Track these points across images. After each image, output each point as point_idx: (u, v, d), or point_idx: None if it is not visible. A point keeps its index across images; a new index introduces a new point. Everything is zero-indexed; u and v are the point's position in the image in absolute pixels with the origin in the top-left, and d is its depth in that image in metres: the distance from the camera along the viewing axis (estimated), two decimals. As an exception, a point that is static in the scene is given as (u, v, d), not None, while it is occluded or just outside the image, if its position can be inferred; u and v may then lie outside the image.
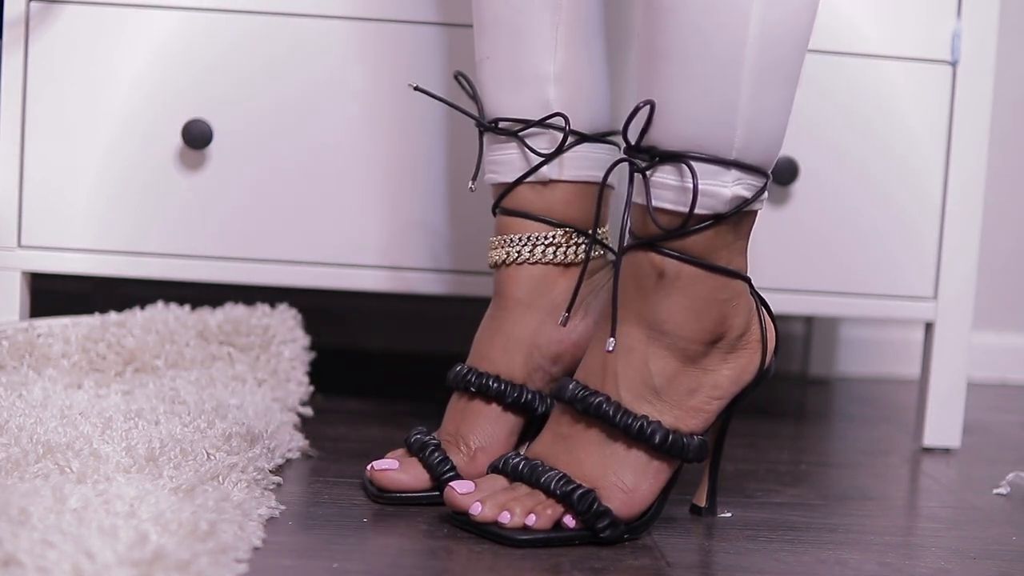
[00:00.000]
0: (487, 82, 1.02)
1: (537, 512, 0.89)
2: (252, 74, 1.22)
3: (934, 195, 1.27)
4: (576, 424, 0.92)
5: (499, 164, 1.02)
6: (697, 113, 0.88)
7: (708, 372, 0.93)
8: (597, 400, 0.91)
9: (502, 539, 0.89)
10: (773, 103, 0.90)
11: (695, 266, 0.90)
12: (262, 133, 1.22)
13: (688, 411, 0.92)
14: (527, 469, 0.91)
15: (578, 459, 0.91)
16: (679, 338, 0.91)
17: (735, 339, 0.93)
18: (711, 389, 0.93)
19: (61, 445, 0.92)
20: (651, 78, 0.89)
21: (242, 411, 1.08)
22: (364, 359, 1.63)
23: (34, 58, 1.21)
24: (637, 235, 0.91)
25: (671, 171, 0.88)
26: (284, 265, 1.23)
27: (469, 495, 0.91)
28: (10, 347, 1.16)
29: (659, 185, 0.89)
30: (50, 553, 0.71)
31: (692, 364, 0.92)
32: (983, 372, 1.76)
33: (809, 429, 1.42)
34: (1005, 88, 1.66)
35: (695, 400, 0.92)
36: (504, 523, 0.88)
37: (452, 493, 0.91)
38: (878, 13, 1.25)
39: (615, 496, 0.90)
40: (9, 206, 1.22)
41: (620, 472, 0.91)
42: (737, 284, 0.93)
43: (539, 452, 0.93)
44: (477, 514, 0.89)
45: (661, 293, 0.90)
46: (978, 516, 1.06)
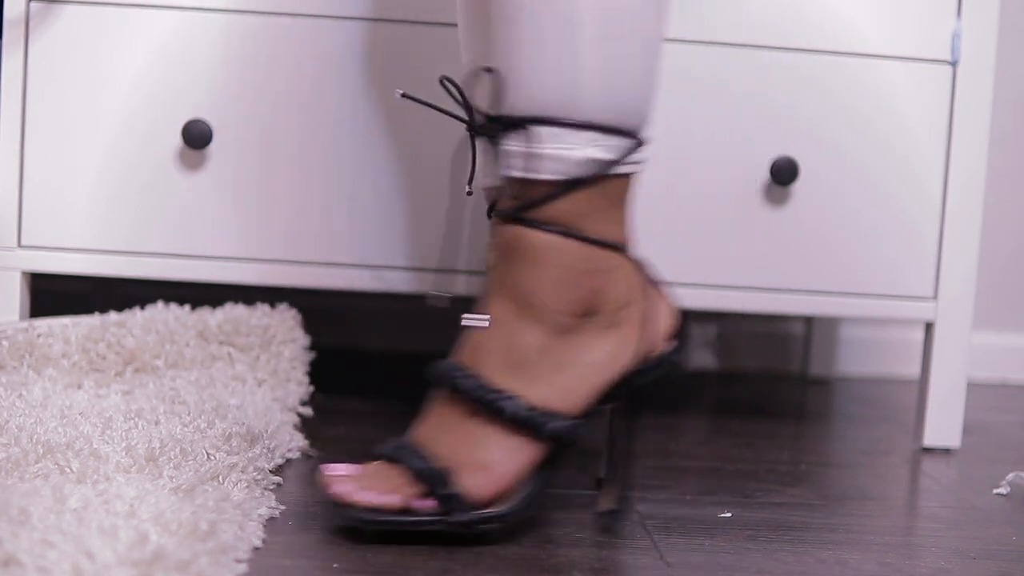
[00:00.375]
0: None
1: (395, 492, 0.86)
2: (252, 74, 1.22)
3: (934, 195, 1.27)
4: (445, 404, 0.89)
5: (492, 167, 1.01)
6: (538, 75, 0.85)
7: (582, 348, 0.89)
8: (457, 374, 0.88)
9: (348, 520, 0.87)
10: (622, 58, 0.86)
11: (556, 235, 0.87)
12: (262, 133, 1.22)
13: (555, 388, 0.88)
14: (395, 450, 0.89)
15: (438, 437, 0.88)
16: (547, 310, 0.88)
17: (613, 312, 0.90)
18: (583, 366, 0.89)
19: (61, 445, 0.92)
20: (489, 45, 0.86)
21: (242, 411, 1.08)
22: (364, 359, 1.63)
23: (34, 58, 1.21)
24: (501, 208, 0.89)
25: (518, 138, 0.86)
26: (284, 265, 1.23)
27: (337, 476, 0.88)
28: (10, 347, 1.16)
29: (509, 154, 0.87)
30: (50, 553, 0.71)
31: (563, 338, 0.89)
32: (983, 372, 1.76)
33: (809, 429, 1.42)
34: (1005, 88, 1.66)
35: (565, 377, 0.89)
36: (359, 501, 0.86)
37: (324, 473, 0.89)
38: (878, 13, 1.25)
39: (468, 475, 0.87)
40: (9, 206, 1.22)
41: (476, 449, 0.87)
42: (610, 255, 0.89)
43: (414, 435, 0.90)
44: (338, 492, 0.87)
45: (524, 264, 0.88)
46: (978, 516, 1.06)
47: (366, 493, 0.86)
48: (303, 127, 1.22)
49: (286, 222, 1.23)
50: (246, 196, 1.23)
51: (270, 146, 1.23)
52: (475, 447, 0.87)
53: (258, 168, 1.23)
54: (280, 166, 1.23)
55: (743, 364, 1.74)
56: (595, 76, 0.85)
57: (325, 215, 1.23)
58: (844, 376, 1.75)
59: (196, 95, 1.22)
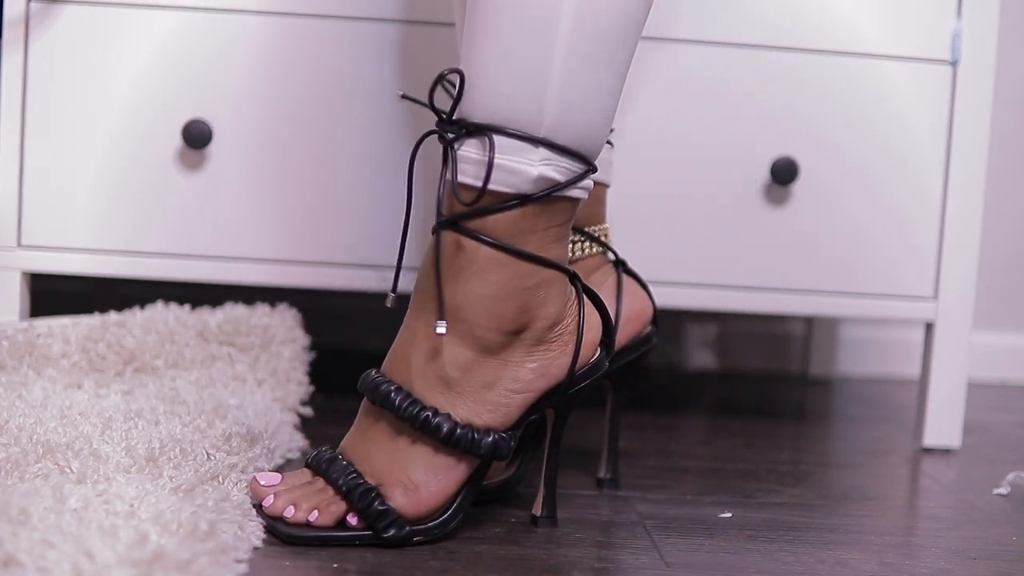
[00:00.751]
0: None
1: (321, 508, 0.86)
2: (252, 74, 1.22)
3: (934, 195, 1.27)
4: (369, 416, 0.89)
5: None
6: (504, 85, 0.83)
7: (509, 364, 0.88)
8: (386, 389, 0.87)
9: (285, 536, 0.86)
10: (591, 83, 0.84)
11: (495, 248, 0.85)
12: (262, 133, 1.22)
13: (484, 404, 0.87)
14: (323, 463, 0.88)
15: (368, 453, 0.87)
16: (475, 326, 0.86)
17: (543, 331, 0.88)
18: (511, 382, 0.87)
19: (61, 445, 0.92)
20: (465, 47, 0.85)
21: (242, 411, 1.08)
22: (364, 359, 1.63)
23: (34, 58, 1.21)
24: (444, 213, 0.86)
25: (476, 145, 0.84)
26: (284, 265, 1.23)
27: (268, 487, 0.88)
28: (10, 347, 1.16)
29: (464, 159, 0.84)
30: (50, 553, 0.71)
31: (490, 355, 0.87)
32: (983, 372, 1.76)
33: (809, 429, 1.42)
34: (1005, 88, 1.66)
35: (493, 393, 0.87)
36: (287, 517, 0.86)
37: (254, 483, 0.89)
38: (878, 13, 1.25)
39: (399, 494, 0.86)
40: (9, 206, 1.22)
41: (406, 467, 0.86)
42: (547, 272, 0.87)
43: (344, 445, 0.90)
44: (267, 506, 0.87)
45: (460, 276, 0.86)
46: (978, 516, 1.06)
47: (296, 510, 0.86)
48: (303, 127, 1.22)
49: (286, 222, 1.23)
50: (246, 196, 1.23)
51: (270, 146, 1.23)
52: (406, 465, 0.87)
53: (258, 168, 1.23)
54: (280, 166, 1.23)
55: (743, 364, 1.74)
56: (561, 95, 0.83)
57: (325, 215, 1.23)
58: (844, 376, 1.75)
59: (196, 95, 1.22)
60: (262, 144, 1.23)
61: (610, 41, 0.84)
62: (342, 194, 1.23)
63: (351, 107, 1.22)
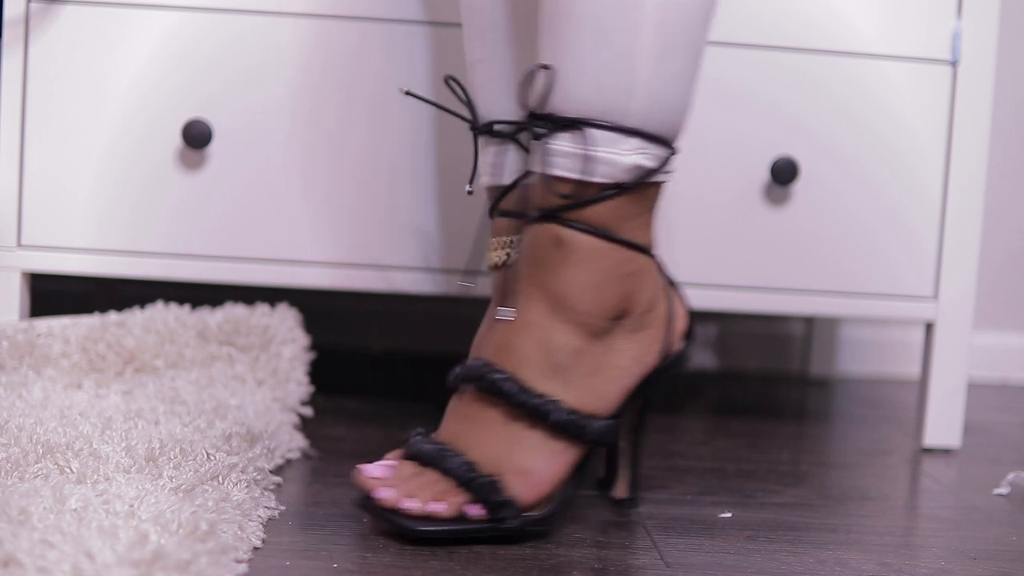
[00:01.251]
0: (482, 85, 1.02)
1: (445, 500, 0.86)
2: (251, 74, 1.22)
3: (934, 195, 1.27)
4: (477, 404, 0.89)
5: (496, 166, 1.02)
6: (596, 78, 0.86)
7: (612, 351, 0.90)
8: (498, 377, 0.88)
9: (404, 529, 0.86)
10: (675, 71, 0.87)
11: (597, 237, 0.88)
12: (262, 133, 1.22)
13: (591, 391, 0.90)
14: (434, 453, 0.88)
15: (480, 441, 0.88)
16: (582, 313, 0.89)
17: (640, 316, 0.91)
18: (614, 369, 0.90)
19: (61, 445, 0.92)
20: (550, 42, 0.87)
21: (242, 411, 1.08)
22: (364, 359, 1.63)
23: (34, 58, 1.21)
24: (540, 206, 0.89)
25: (569, 138, 0.87)
26: (284, 265, 1.23)
27: (378, 478, 0.87)
28: (10, 347, 1.16)
29: (558, 153, 0.87)
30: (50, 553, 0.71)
31: (597, 341, 0.90)
32: (983, 372, 1.76)
33: (809, 429, 1.42)
34: (1005, 88, 1.66)
35: (598, 380, 0.90)
36: (407, 509, 0.85)
37: (361, 474, 0.88)
38: (878, 13, 1.25)
39: (516, 482, 0.87)
40: (9, 206, 1.22)
41: (521, 455, 0.88)
42: (641, 259, 0.91)
43: (445, 435, 0.90)
44: (383, 498, 0.86)
45: (563, 266, 0.89)
46: (978, 516, 1.06)
47: (412, 501, 0.86)
48: (303, 127, 1.22)
49: (286, 222, 1.23)
50: (246, 195, 1.23)
51: (270, 146, 1.23)
52: (519, 452, 0.88)
53: (258, 168, 1.23)
54: (280, 166, 1.23)
55: (743, 364, 1.74)
56: (648, 85, 0.86)
57: (325, 215, 1.23)
58: (844, 376, 1.75)
59: (196, 95, 1.22)
60: (262, 144, 1.23)
61: (689, 29, 0.87)
62: (342, 194, 1.23)
63: (351, 107, 1.22)
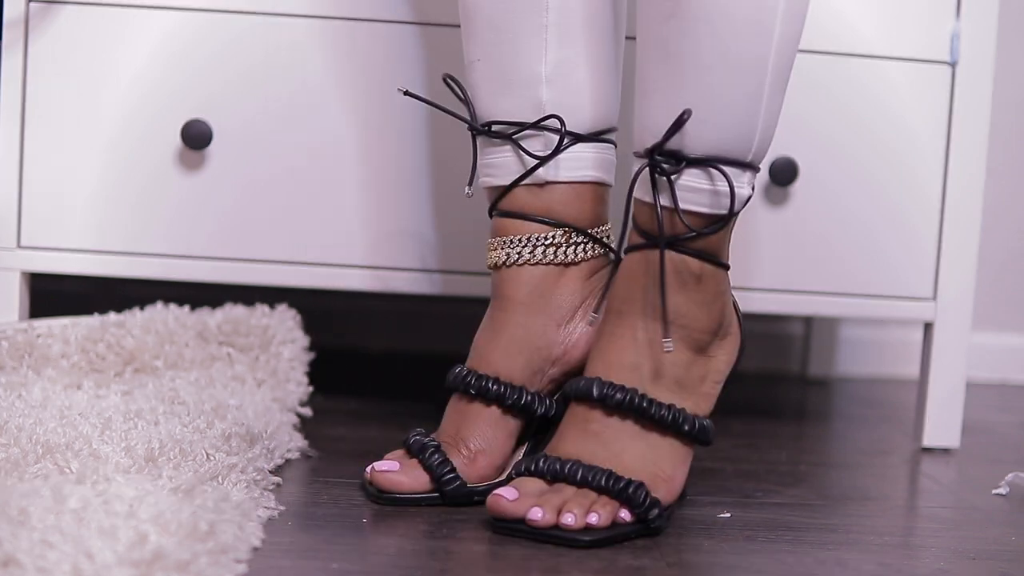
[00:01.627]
0: (479, 85, 1.02)
1: (596, 511, 0.90)
2: (251, 74, 1.22)
3: (934, 195, 1.27)
4: (607, 419, 0.94)
5: (494, 167, 1.02)
6: (727, 121, 0.91)
7: (711, 359, 0.97)
8: (629, 395, 0.93)
9: (565, 542, 0.89)
10: (778, 108, 0.94)
11: (713, 264, 0.95)
12: (261, 133, 1.22)
13: (702, 397, 0.97)
14: (571, 469, 0.91)
15: (617, 454, 0.93)
16: (694, 331, 0.95)
17: (726, 327, 0.98)
18: (715, 374, 0.97)
19: (60, 445, 0.92)
20: (678, 86, 0.91)
21: (242, 411, 1.08)
22: (364, 359, 1.63)
23: (34, 58, 1.21)
24: (649, 234, 0.94)
25: (700, 175, 0.92)
26: (284, 265, 1.23)
27: (520, 501, 0.90)
28: (10, 347, 1.16)
29: (688, 188, 0.92)
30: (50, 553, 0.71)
31: (701, 353, 0.96)
32: (983, 372, 1.76)
33: (809, 429, 1.42)
34: (1004, 89, 1.66)
35: (705, 386, 0.97)
36: (568, 524, 0.89)
37: (501, 501, 0.90)
38: (878, 13, 1.25)
39: (660, 486, 0.93)
40: (9, 206, 1.22)
41: (659, 462, 0.94)
42: (727, 276, 0.97)
43: (571, 451, 0.93)
44: (538, 519, 0.89)
45: (682, 290, 0.94)
46: (978, 516, 1.06)
47: (570, 516, 0.89)
48: (303, 127, 1.22)
49: (286, 222, 1.23)
50: (246, 196, 1.23)
51: (270, 146, 1.23)
52: (659, 460, 0.94)
53: (258, 168, 1.23)
54: (280, 166, 1.23)
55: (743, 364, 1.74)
56: (762, 122, 0.92)
57: (325, 215, 1.23)
58: (844, 376, 1.75)
59: (195, 95, 1.22)
60: (261, 144, 1.22)
61: (790, 70, 0.94)
62: (342, 194, 1.23)
63: (351, 107, 1.22)
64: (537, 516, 0.89)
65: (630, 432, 0.94)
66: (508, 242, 1.01)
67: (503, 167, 1.01)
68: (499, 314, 1.01)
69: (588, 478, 0.91)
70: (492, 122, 1.01)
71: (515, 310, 1.01)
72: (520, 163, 1.00)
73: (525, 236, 1.00)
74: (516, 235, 1.01)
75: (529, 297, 1.00)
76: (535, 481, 0.92)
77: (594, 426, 0.94)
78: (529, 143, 1.00)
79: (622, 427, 0.94)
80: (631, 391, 0.93)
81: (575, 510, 0.89)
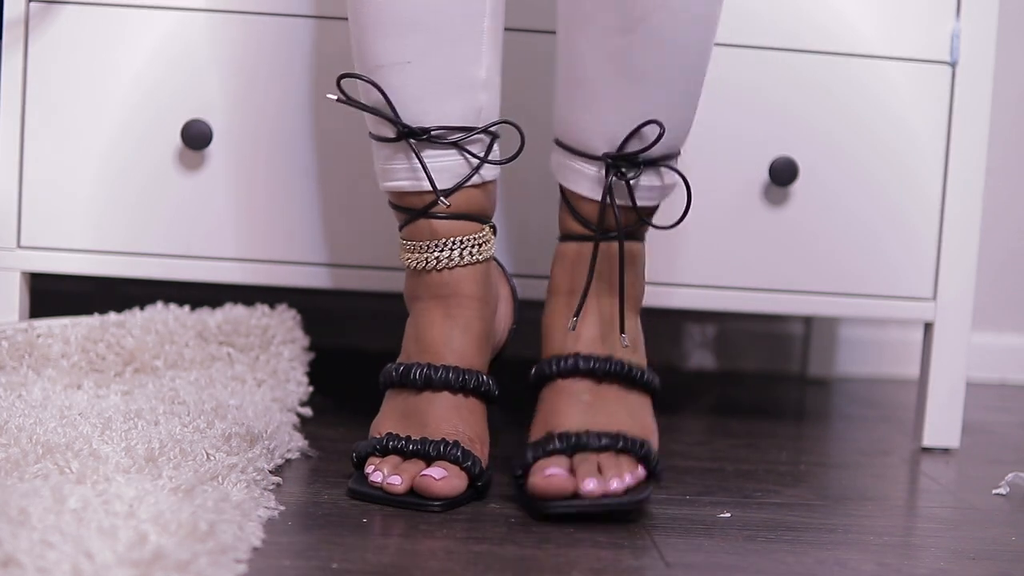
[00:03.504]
0: (408, 87, 1.00)
1: (628, 471, 0.96)
2: (252, 75, 1.22)
3: (934, 195, 1.27)
4: (597, 388, 1.00)
5: (437, 171, 1.01)
6: (680, 126, 1.01)
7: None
8: (613, 364, 1.00)
9: (619, 506, 0.94)
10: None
11: (641, 241, 1.05)
12: (262, 133, 1.22)
13: (642, 352, 1.05)
14: (590, 438, 0.96)
15: (612, 417, 0.99)
16: (634, 298, 1.04)
17: None
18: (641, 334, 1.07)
19: (60, 445, 0.92)
20: (638, 98, 0.98)
21: (242, 411, 1.08)
22: (364, 359, 1.63)
23: (34, 58, 1.21)
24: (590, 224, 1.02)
25: (652, 174, 1.01)
26: (284, 265, 1.23)
27: (569, 476, 0.94)
28: (10, 347, 1.16)
29: (643, 188, 1.01)
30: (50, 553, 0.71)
31: (637, 314, 1.06)
32: (983, 372, 1.76)
33: (809, 429, 1.43)
34: (1005, 88, 1.66)
35: (641, 342, 1.06)
36: (616, 490, 0.94)
37: (555, 480, 0.94)
38: (878, 13, 1.25)
39: (650, 437, 1.01)
40: (9, 206, 1.22)
41: (642, 417, 1.01)
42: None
43: (575, 423, 0.98)
44: (593, 489, 0.93)
45: (638, 273, 1.05)
46: (977, 516, 1.06)
47: (617, 481, 0.95)
48: (303, 127, 1.22)
49: (286, 222, 1.23)
50: (246, 196, 1.23)
51: (270, 146, 1.23)
52: (643, 416, 1.02)
53: (258, 168, 1.23)
54: (280, 166, 1.23)
55: (743, 364, 1.74)
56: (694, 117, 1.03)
57: (325, 215, 1.23)
58: (843, 376, 1.75)
59: (196, 95, 1.22)
60: (262, 144, 1.23)
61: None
62: (342, 194, 1.23)
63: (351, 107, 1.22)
64: (592, 486, 0.93)
65: (615, 395, 1.01)
66: (460, 242, 1.03)
67: (447, 171, 1.02)
68: (459, 311, 1.04)
69: (607, 444, 0.96)
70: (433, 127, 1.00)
71: (474, 306, 1.04)
72: (467, 166, 1.02)
73: (472, 235, 1.03)
74: (462, 235, 1.03)
75: (484, 292, 1.05)
76: (561, 458, 0.96)
77: (586, 396, 1.00)
78: (471, 147, 1.02)
79: (608, 392, 1.01)
80: (614, 360, 1.00)
81: (612, 474, 0.95)
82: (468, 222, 1.03)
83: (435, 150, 1.01)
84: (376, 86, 1.01)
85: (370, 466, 1.00)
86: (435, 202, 1.02)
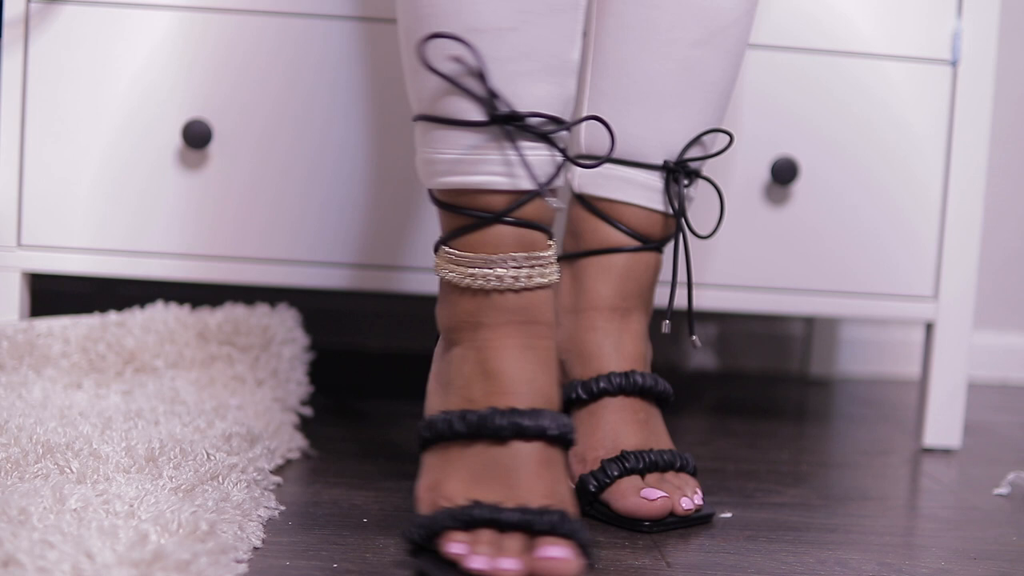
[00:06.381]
0: (504, 61, 0.81)
1: (696, 490, 0.99)
2: (252, 74, 1.22)
3: (934, 195, 1.27)
4: (646, 406, 1.02)
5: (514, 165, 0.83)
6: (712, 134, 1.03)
7: None
8: (660, 384, 1.02)
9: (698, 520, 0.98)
10: None
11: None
12: (262, 133, 1.22)
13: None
14: (663, 458, 0.98)
15: (660, 435, 1.01)
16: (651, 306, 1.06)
17: None
18: None
19: (61, 445, 0.92)
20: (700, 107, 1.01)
21: (242, 411, 1.08)
22: (364, 359, 1.63)
23: (34, 58, 1.21)
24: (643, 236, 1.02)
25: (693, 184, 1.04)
26: (284, 265, 1.23)
27: (664, 498, 0.95)
28: (10, 347, 1.16)
29: (688, 197, 1.03)
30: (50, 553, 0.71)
31: None
32: (983, 372, 1.76)
33: (809, 429, 1.42)
34: (1005, 88, 1.66)
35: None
36: (688, 509, 0.97)
37: (659, 502, 0.95)
38: (878, 13, 1.25)
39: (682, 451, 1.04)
40: (9, 206, 1.22)
41: (666, 431, 1.03)
42: None
43: (637, 442, 0.99)
44: (689, 507, 0.97)
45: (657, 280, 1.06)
46: (978, 516, 1.06)
47: (688, 500, 0.97)
48: (303, 127, 1.22)
49: (286, 222, 1.23)
50: (246, 196, 1.23)
51: (270, 146, 1.23)
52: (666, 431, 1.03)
53: (258, 168, 1.23)
54: (280, 166, 1.23)
55: (743, 364, 1.74)
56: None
57: (325, 215, 1.23)
58: (844, 376, 1.75)
59: (196, 95, 1.22)
60: (262, 144, 1.23)
61: None
62: (342, 194, 1.23)
63: (351, 107, 1.22)
64: (688, 504, 0.96)
65: (655, 412, 1.02)
66: (537, 257, 0.84)
67: (535, 168, 0.83)
68: (540, 341, 0.85)
69: (673, 463, 0.99)
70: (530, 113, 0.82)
71: (551, 335, 0.86)
72: (553, 164, 0.84)
73: (545, 253, 0.85)
74: (536, 249, 0.85)
75: (552, 316, 0.87)
76: (635, 477, 0.97)
77: (641, 415, 1.01)
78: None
79: (651, 409, 1.02)
80: (659, 379, 1.02)
81: (692, 491, 0.98)
82: (539, 232, 0.85)
83: (526, 141, 0.83)
84: (477, 54, 0.80)
85: (455, 544, 0.77)
86: (514, 206, 0.83)
